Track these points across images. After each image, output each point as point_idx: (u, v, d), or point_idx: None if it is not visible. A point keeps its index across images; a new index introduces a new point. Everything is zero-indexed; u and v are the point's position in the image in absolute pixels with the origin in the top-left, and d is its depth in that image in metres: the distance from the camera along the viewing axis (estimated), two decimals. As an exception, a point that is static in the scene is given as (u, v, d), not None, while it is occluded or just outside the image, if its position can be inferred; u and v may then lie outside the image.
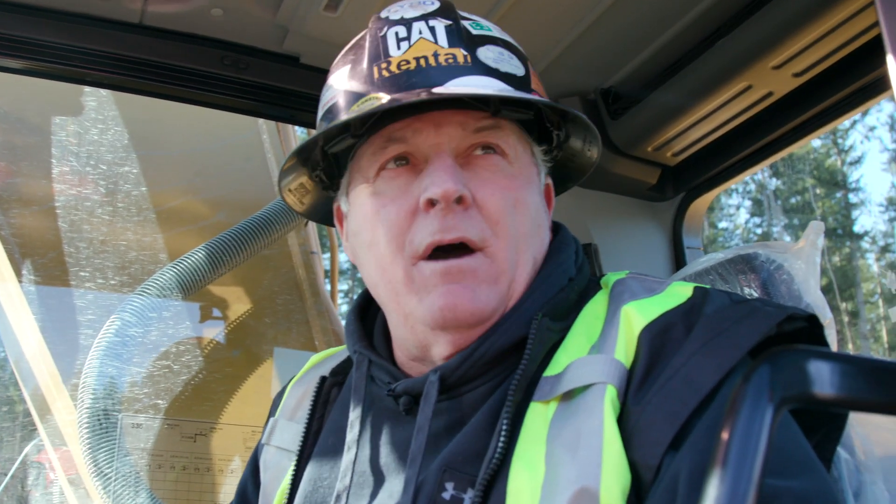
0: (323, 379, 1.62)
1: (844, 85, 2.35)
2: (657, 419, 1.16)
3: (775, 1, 2.25)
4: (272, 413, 1.74)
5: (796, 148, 2.75)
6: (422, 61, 1.39)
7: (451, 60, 1.38)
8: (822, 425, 1.30)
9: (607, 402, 1.19)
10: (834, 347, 1.63)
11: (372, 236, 1.42)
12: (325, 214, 1.69)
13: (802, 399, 0.77)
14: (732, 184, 2.97)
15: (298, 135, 4.18)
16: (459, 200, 1.35)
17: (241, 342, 3.43)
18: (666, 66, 2.62)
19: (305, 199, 1.64)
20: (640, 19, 2.47)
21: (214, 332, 3.37)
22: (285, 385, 1.79)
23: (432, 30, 1.42)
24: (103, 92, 3.27)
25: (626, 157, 2.87)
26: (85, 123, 3.26)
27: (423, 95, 1.32)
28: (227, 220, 3.38)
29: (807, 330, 1.28)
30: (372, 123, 1.42)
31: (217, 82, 2.63)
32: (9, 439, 3.03)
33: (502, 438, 1.23)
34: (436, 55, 1.39)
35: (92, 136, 3.26)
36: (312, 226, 3.91)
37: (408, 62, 1.39)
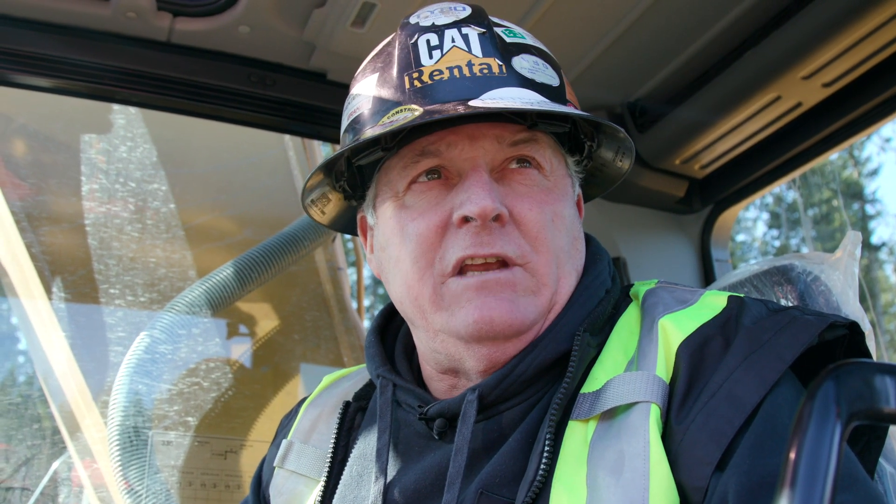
0: (347, 404, 1.54)
1: (875, 94, 2.34)
2: (702, 439, 1.13)
3: (804, 10, 2.24)
4: (284, 434, 1.64)
5: (825, 158, 2.73)
6: (455, 71, 1.34)
7: (485, 71, 1.34)
8: (861, 436, 1.27)
9: (652, 422, 1.16)
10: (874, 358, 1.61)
11: (399, 252, 1.38)
12: (346, 223, 1.64)
13: (871, 415, 0.76)
14: (761, 195, 2.95)
15: (324, 151, 4.19)
16: (497, 218, 1.31)
17: (270, 359, 3.43)
18: (693, 79, 2.61)
19: (327, 208, 1.59)
20: (666, 32, 2.46)
21: (243, 348, 3.38)
22: (296, 406, 1.72)
23: (465, 38, 1.37)
24: (131, 109, 3.29)
25: (654, 171, 2.87)
26: (113, 141, 3.28)
27: (461, 110, 1.27)
28: (255, 236, 3.39)
29: (847, 338, 1.26)
30: (403, 135, 1.37)
31: (244, 99, 2.64)
32: (38, 456, 3.03)
33: (544, 459, 1.19)
34: (470, 65, 1.34)
35: (120, 154, 3.29)
36: (339, 242, 3.92)
37: (441, 72, 1.34)
